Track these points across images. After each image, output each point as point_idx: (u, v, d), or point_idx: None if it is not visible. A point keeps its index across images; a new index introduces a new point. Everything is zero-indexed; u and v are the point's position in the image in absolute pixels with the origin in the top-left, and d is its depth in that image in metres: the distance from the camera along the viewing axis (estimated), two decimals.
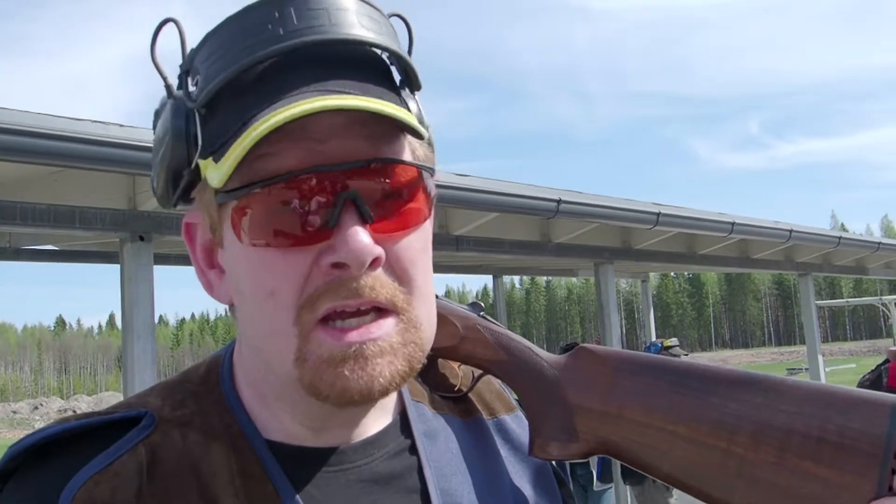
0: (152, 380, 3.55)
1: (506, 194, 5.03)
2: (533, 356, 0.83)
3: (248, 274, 0.66)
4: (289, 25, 0.64)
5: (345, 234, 0.62)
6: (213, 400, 0.73)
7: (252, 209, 0.64)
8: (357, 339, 0.64)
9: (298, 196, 0.63)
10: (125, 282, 3.61)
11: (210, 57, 0.66)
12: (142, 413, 0.70)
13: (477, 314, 0.86)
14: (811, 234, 8.44)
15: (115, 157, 3.04)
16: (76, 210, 3.55)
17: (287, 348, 0.65)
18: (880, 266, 11.88)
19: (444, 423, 0.82)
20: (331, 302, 0.63)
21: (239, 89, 0.64)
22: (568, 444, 0.78)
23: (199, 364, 0.79)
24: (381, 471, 0.73)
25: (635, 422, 0.75)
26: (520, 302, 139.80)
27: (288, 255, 0.64)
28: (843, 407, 0.67)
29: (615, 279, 7.21)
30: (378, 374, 0.64)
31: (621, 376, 0.77)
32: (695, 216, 6.85)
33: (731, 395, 0.71)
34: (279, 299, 0.64)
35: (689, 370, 0.75)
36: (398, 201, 0.66)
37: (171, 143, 0.67)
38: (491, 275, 9.28)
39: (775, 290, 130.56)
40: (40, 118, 2.92)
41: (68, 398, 66.51)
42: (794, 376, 0.78)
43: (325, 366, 0.64)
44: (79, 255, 6.29)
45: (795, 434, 0.67)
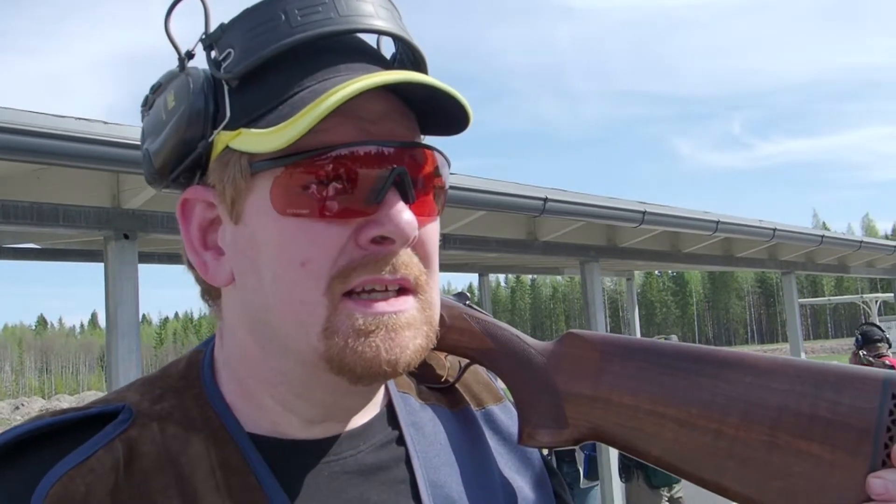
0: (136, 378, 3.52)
1: (492, 192, 5.03)
2: (520, 343, 0.82)
3: (279, 242, 0.66)
4: (343, 10, 0.67)
5: (390, 209, 0.64)
6: (193, 394, 0.72)
7: (297, 178, 0.64)
8: (387, 309, 0.66)
9: (350, 168, 0.64)
10: (109, 280, 3.57)
11: (251, 31, 0.67)
12: (119, 408, 0.69)
13: (463, 304, 0.86)
14: (794, 233, 8.51)
15: (99, 155, 3.01)
16: (60, 208, 3.52)
17: (314, 319, 0.65)
18: (862, 265, 12.00)
19: (432, 414, 0.82)
20: (365, 275, 0.65)
21: (279, 66, 0.66)
22: (558, 430, 0.77)
23: (180, 359, 0.78)
24: (367, 462, 0.73)
25: (625, 406, 0.74)
26: (505, 300, 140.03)
27: (328, 227, 0.65)
28: (835, 383, 0.66)
29: (600, 277, 7.24)
30: (405, 346, 0.66)
31: (609, 360, 0.76)
32: (680, 215, 6.89)
33: (720, 375, 0.71)
34: (312, 268, 0.65)
35: (678, 352, 0.75)
36: (430, 187, 0.70)
37: (187, 115, 0.67)
38: (477, 273, 9.30)
39: (758, 288, 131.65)
40: (23, 115, 2.88)
41: (50, 398, 65.88)
42: None
43: (356, 336, 0.64)
44: (62, 254, 6.23)
45: (787, 412, 0.67)
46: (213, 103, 0.67)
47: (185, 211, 0.73)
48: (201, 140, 0.67)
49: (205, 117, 0.66)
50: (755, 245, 8.72)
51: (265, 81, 0.66)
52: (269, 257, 0.66)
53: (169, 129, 0.68)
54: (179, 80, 0.69)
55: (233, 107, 0.66)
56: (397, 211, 0.64)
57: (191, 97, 0.67)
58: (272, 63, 0.66)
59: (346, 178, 0.64)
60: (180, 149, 0.68)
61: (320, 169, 0.64)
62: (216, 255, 0.71)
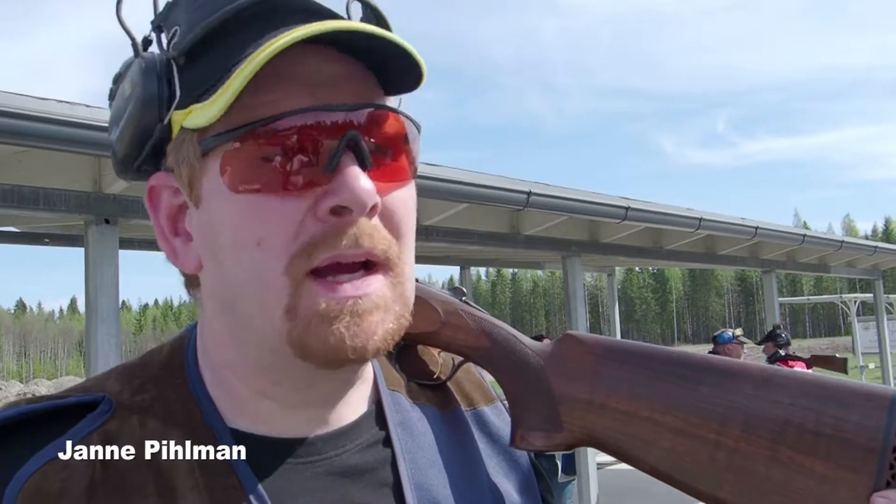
0: (116, 364, 3.51)
1: (476, 185, 5.04)
2: (517, 343, 0.80)
3: (234, 222, 0.63)
4: None
5: (345, 177, 0.60)
6: (175, 385, 0.70)
7: (245, 152, 0.61)
8: (352, 293, 0.62)
9: (297, 137, 0.61)
10: (90, 265, 3.55)
11: (192, 5, 0.64)
12: (99, 398, 0.67)
13: (459, 299, 0.83)
14: (776, 232, 8.60)
15: (81, 138, 2.99)
16: (41, 191, 3.49)
17: (276, 300, 0.62)
18: (842, 264, 12.14)
19: (421, 414, 0.79)
20: (329, 251, 0.61)
21: (222, 36, 0.63)
22: (552, 434, 0.76)
23: (162, 346, 0.76)
24: (352, 463, 0.70)
25: (621, 411, 0.72)
26: (486, 294, 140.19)
27: (282, 201, 0.61)
28: (840, 399, 0.65)
29: (582, 272, 7.28)
30: (373, 332, 0.63)
31: (607, 365, 0.75)
32: (663, 211, 6.93)
33: (721, 384, 0.69)
34: (269, 247, 0.62)
35: (677, 359, 0.73)
36: (395, 152, 0.65)
37: (141, 99, 0.64)
38: (458, 266, 9.31)
39: (738, 286, 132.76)
40: (5, 97, 2.86)
41: (28, 382, 65.13)
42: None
43: (319, 320, 0.61)
44: (41, 237, 6.17)
45: (790, 426, 0.65)
46: (167, 84, 0.64)
47: (152, 199, 0.70)
48: (158, 124, 0.65)
49: (159, 100, 0.64)
50: (737, 243, 8.79)
51: (210, 54, 0.63)
52: (227, 239, 0.64)
53: (126, 117, 0.66)
54: (134, 65, 0.66)
55: (182, 85, 0.63)
56: (352, 178, 0.60)
57: (143, 81, 0.64)
58: (216, 34, 0.63)
59: (296, 147, 0.61)
60: (139, 135, 0.66)
61: (267, 140, 0.61)
62: (185, 240, 0.69)
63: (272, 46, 0.58)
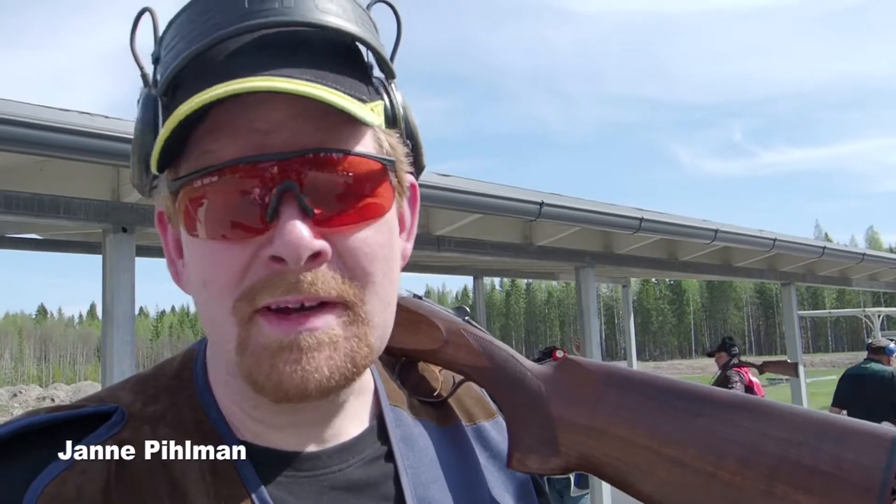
0: (131, 370, 3.55)
1: (488, 195, 5.04)
2: (517, 365, 0.81)
3: (191, 262, 0.66)
4: (240, 9, 0.62)
5: (281, 227, 0.60)
6: (185, 396, 0.72)
7: (192, 201, 0.63)
8: (297, 328, 0.62)
9: (236, 188, 0.61)
10: (107, 272, 3.61)
11: (168, 45, 0.66)
12: (112, 409, 0.69)
13: (462, 319, 0.84)
14: (795, 244, 8.45)
15: (100, 149, 3.05)
16: (61, 200, 3.55)
17: (227, 336, 0.64)
18: (864, 277, 11.92)
19: (423, 429, 0.80)
20: (269, 297, 0.62)
21: (194, 75, 0.63)
22: (548, 457, 0.76)
23: (174, 357, 0.78)
24: (355, 478, 0.71)
25: (619, 439, 0.73)
26: (500, 304, 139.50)
27: (228, 248, 0.62)
28: (838, 437, 0.65)
29: (596, 283, 7.26)
30: (314, 369, 0.62)
31: (608, 391, 0.75)
32: (678, 223, 6.87)
33: (720, 416, 0.70)
34: (214, 289, 0.63)
35: (677, 389, 0.73)
36: (351, 194, 0.63)
37: (141, 132, 0.67)
38: (472, 276, 9.31)
39: (757, 298, 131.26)
40: (28, 108, 2.92)
41: (47, 386, 65.73)
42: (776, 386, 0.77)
43: (263, 353, 0.62)
44: (62, 245, 6.27)
45: (786, 462, 0.65)
46: (157, 118, 0.66)
47: (161, 222, 0.73)
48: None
49: (153, 133, 0.65)
50: (754, 255, 8.69)
51: (180, 96, 0.63)
52: (190, 275, 0.67)
53: (133, 145, 0.69)
54: (142, 96, 0.69)
55: (164, 122, 0.63)
56: (287, 230, 0.59)
57: (142, 114, 0.67)
58: (187, 74, 0.63)
59: (236, 197, 0.61)
60: (142, 164, 0.68)
61: (206, 190, 0.62)
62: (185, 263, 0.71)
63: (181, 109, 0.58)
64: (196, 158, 0.63)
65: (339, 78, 0.63)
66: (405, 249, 0.76)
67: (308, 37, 0.64)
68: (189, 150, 0.63)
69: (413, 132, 0.73)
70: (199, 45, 0.62)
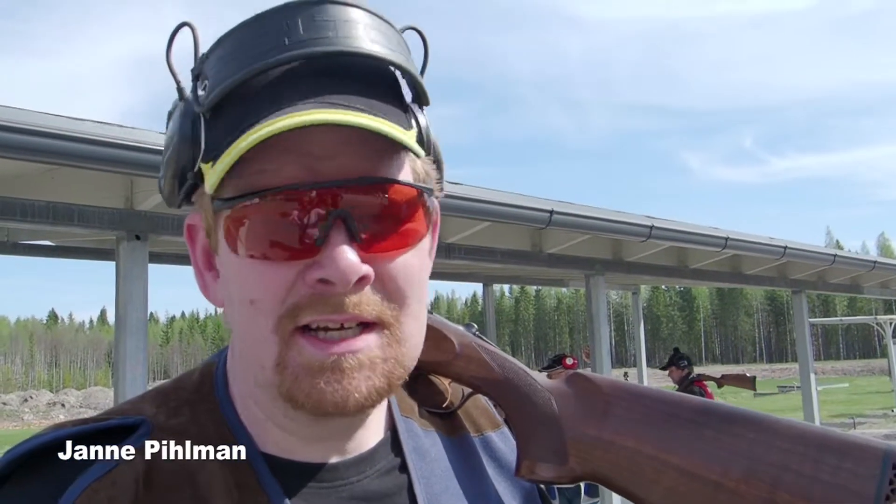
0: (143, 377, 3.58)
1: (498, 203, 5.04)
2: (527, 378, 0.83)
3: (235, 281, 0.67)
4: (295, 36, 0.64)
5: (332, 251, 0.62)
6: (207, 409, 0.73)
7: (243, 221, 0.64)
8: (337, 350, 0.64)
9: (289, 211, 0.63)
10: (120, 280, 3.63)
11: (218, 62, 0.67)
12: (138, 421, 0.70)
13: (471, 334, 0.87)
14: (806, 252, 8.41)
15: (114, 157, 3.08)
16: (75, 208, 3.58)
17: (267, 354, 0.65)
18: (875, 285, 11.85)
19: (434, 440, 0.82)
20: (313, 315, 0.64)
21: (243, 96, 0.65)
22: (558, 466, 0.78)
23: (193, 370, 0.79)
24: (372, 488, 0.73)
25: (627, 449, 0.75)
26: (509, 310, 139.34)
27: (274, 267, 0.64)
28: (837, 449, 0.68)
29: (605, 290, 7.24)
30: (354, 388, 0.64)
31: (615, 404, 0.78)
32: (688, 230, 6.86)
33: (725, 428, 0.72)
34: (260, 307, 0.65)
35: (682, 402, 0.76)
36: (394, 220, 0.66)
37: (178, 145, 0.68)
38: (481, 283, 9.31)
39: (767, 305, 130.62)
40: (43, 117, 2.96)
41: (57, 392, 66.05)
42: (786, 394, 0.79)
43: (304, 374, 0.64)
44: (75, 252, 6.32)
45: (789, 472, 0.68)
46: (198, 134, 0.67)
47: (190, 234, 0.75)
48: (191, 170, 0.68)
49: (192, 148, 0.67)
50: (765, 263, 8.65)
51: (227, 114, 0.65)
52: (231, 292, 0.68)
53: (166, 159, 0.70)
54: (177, 109, 0.70)
55: (207, 138, 0.66)
56: (337, 254, 0.62)
57: (179, 128, 0.68)
58: (235, 94, 0.65)
59: (286, 221, 0.63)
60: (176, 178, 0.70)
61: (259, 212, 0.64)
62: (215, 276, 0.73)
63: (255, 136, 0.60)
64: (249, 177, 0.64)
65: (385, 107, 0.66)
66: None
67: (358, 65, 0.67)
68: (239, 169, 0.63)
69: (438, 156, 0.75)
70: (255, 66, 0.64)
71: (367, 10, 0.68)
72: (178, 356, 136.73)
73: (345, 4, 0.67)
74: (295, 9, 0.66)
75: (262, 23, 0.66)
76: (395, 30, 0.71)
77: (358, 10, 0.67)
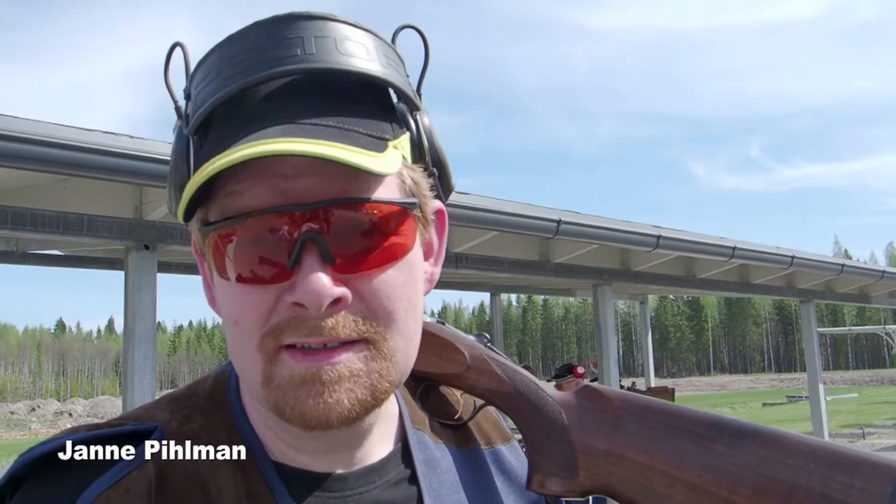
0: (151, 385, 3.59)
1: (506, 213, 5.05)
2: (538, 391, 0.83)
3: (222, 301, 0.68)
4: (264, 55, 0.64)
5: (304, 276, 0.62)
6: (220, 416, 0.73)
7: (222, 245, 0.65)
8: (315, 362, 0.64)
9: (260, 235, 0.63)
10: (129, 289, 3.65)
11: (199, 84, 0.67)
12: (151, 427, 0.70)
13: (483, 345, 0.87)
14: (814, 261, 8.40)
15: (124, 168, 3.11)
16: (84, 217, 3.61)
17: (255, 371, 0.66)
18: (884, 295, 11.81)
19: (444, 452, 0.82)
20: (293, 337, 0.64)
21: (222, 117, 0.65)
22: (568, 480, 0.78)
23: (206, 378, 0.79)
24: (381, 499, 0.73)
25: (638, 464, 0.75)
26: (516, 320, 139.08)
27: (254, 290, 0.64)
28: (847, 466, 0.67)
29: (613, 300, 7.23)
30: (335, 401, 0.64)
31: (626, 418, 0.78)
32: (695, 240, 6.86)
33: (735, 444, 0.72)
34: (243, 327, 0.65)
35: (693, 417, 0.76)
36: (372, 238, 0.65)
37: (175, 163, 0.69)
38: (489, 292, 9.30)
39: (776, 315, 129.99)
40: (53, 128, 2.98)
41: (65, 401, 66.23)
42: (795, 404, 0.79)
43: (288, 387, 0.64)
44: (83, 261, 6.35)
45: (799, 489, 0.68)
46: (189, 154, 0.67)
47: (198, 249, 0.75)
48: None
49: (187, 167, 0.67)
50: (773, 272, 8.64)
51: (211, 136, 0.66)
52: (221, 311, 0.69)
53: (168, 177, 0.71)
54: (176, 129, 0.70)
55: (196, 159, 0.66)
56: (309, 279, 0.61)
57: (176, 146, 0.69)
58: (216, 115, 0.66)
59: (259, 245, 0.63)
60: (179, 192, 0.69)
61: (231, 236, 0.64)
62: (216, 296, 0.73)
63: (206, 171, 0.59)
64: (222, 199, 0.64)
65: (362, 121, 0.65)
66: (432, 274, 0.77)
67: (331, 79, 0.66)
68: (215, 191, 0.64)
69: (440, 157, 0.73)
70: (223, 93, 0.64)
71: (342, 20, 0.68)
72: (186, 366, 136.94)
73: (315, 18, 0.66)
74: (265, 27, 0.66)
75: (235, 43, 0.66)
76: (376, 37, 0.70)
77: (330, 23, 0.67)
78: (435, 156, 0.73)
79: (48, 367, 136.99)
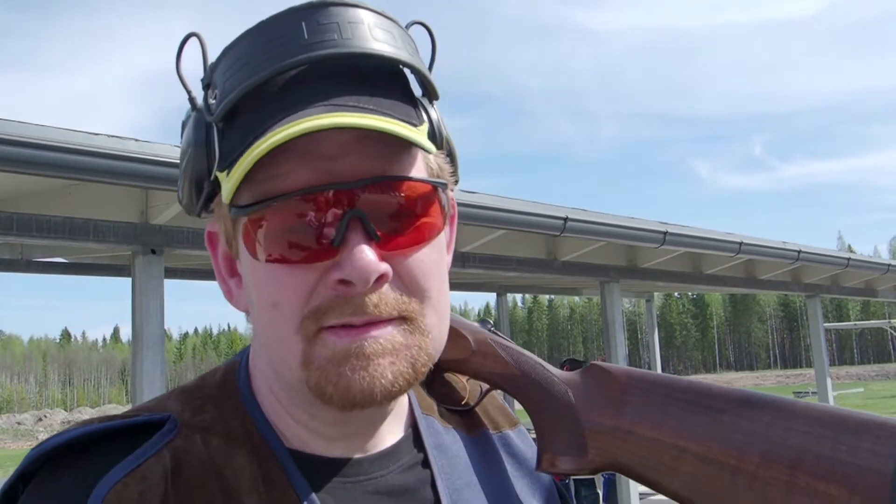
0: (161, 391, 3.57)
1: (513, 211, 5.06)
2: (544, 372, 0.84)
3: (256, 285, 0.68)
4: (300, 41, 0.65)
5: (350, 252, 0.63)
6: (232, 406, 0.74)
7: (260, 227, 0.65)
8: (358, 337, 0.65)
9: (304, 215, 0.64)
10: (136, 294, 3.65)
11: (227, 72, 0.68)
12: (165, 417, 0.71)
13: (487, 330, 0.87)
14: (820, 256, 8.42)
15: (130, 171, 3.10)
16: (91, 223, 3.61)
17: (292, 354, 0.66)
18: (890, 288, 11.83)
19: (454, 437, 0.83)
20: (336, 318, 0.64)
21: (252, 104, 0.66)
22: (578, 458, 0.79)
23: (216, 369, 0.80)
24: (396, 483, 0.74)
25: (645, 438, 0.75)
26: (522, 320, 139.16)
27: (294, 270, 0.65)
28: (854, 429, 0.67)
29: (620, 298, 7.22)
30: (380, 374, 0.64)
31: (632, 393, 0.78)
32: (702, 236, 6.87)
33: (742, 413, 0.72)
34: (282, 309, 0.66)
35: (699, 389, 0.76)
36: (409, 216, 0.67)
37: (193, 155, 0.69)
38: (495, 292, 9.30)
39: (781, 311, 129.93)
40: (58, 132, 2.97)
41: (72, 410, 66.41)
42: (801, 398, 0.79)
43: (330, 364, 0.65)
44: (89, 268, 6.34)
45: (808, 453, 0.68)
46: (212, 143, 0.68)
47: (211, 241, 0.76)
48: (207, 179, 0.69)
49: (207, 157, 0.68)
50: (779, 267, 8.65)
51: (239, 122, 0.67)
52: (254, 296, 0.69)
53: (183, 169, 0.71)
54: (191, 119, 0.70)
55: (221, 147, 0.67)
56: (355, 254, 0.62)
57: (194, 138, 0.69)
58: (245, 102, 0.66)
59: (303, 223, 0.64)
60: (194, 187, 0.71)
61: (275, 217, 0.64)
62: (239, 282, 0.74)
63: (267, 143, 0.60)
64: (263, 183, 0.64)
65: (395, 104, 0.67)
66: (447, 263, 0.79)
67: (364, 65, 0.68)
68: (253, 175, 0.63)
69: (451, 149, 0.75)
70: (262, 75, 0.65)
71: (371, 9, 0.69)
72: (192, 373, 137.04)
73: (347, 5, 0.68)
74: (298, 14, 0.67)
75: (266, 30, 0.67)
76: (399, 27, 0.71)
77: (361, 10, 0.68)
78: (448, 146, 0.75)
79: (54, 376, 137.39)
